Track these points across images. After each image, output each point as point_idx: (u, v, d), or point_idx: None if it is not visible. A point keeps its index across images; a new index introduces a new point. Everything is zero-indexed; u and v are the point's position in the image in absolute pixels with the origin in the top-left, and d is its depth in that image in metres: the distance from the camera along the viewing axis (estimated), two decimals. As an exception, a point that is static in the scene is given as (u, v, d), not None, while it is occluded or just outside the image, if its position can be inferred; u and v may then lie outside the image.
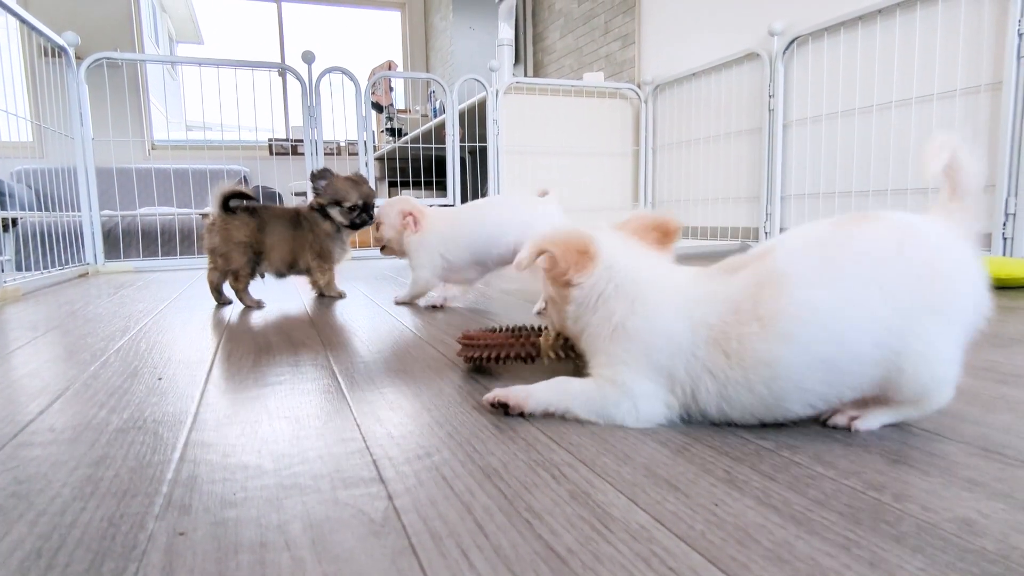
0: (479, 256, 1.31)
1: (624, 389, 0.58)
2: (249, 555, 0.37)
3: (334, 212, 1.49)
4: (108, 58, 2.37)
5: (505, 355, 0.75)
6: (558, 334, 0.71)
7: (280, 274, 1.53)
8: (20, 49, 4.06)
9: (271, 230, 1.46)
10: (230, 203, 1.42)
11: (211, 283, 1.47)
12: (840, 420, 0.57)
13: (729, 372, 0.54)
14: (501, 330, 0.86)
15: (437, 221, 1.35)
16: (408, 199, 1.37)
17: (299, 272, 1.55)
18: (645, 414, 0.58)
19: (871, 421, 0.56)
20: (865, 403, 0.56)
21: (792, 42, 2.50)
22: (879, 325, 0.50)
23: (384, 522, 0.41)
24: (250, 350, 0.96)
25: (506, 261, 1.32)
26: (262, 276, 1.52)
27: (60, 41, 2.17)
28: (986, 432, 0.55)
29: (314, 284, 1.56)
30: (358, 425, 0.60)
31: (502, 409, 0.62)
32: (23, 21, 1.91)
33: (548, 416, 0.61)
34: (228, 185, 1.42)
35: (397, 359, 0.88)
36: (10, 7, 1.81)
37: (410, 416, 0.63)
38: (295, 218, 1.51)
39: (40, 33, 2.01)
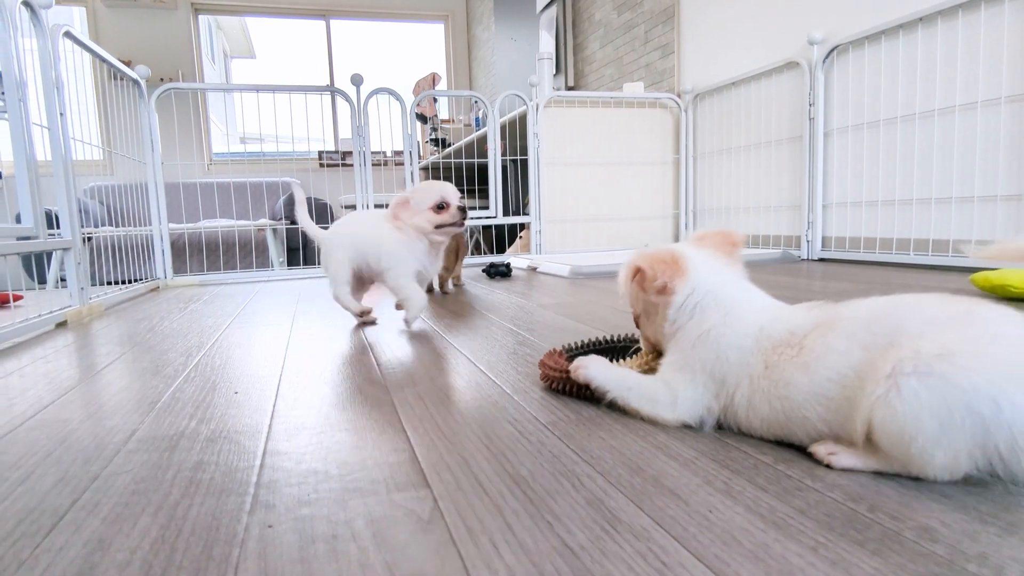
0: None
1: (672, 391, 0.69)
2: (324, 544, 0.47)
3: None
4: (176, 88, 2.56)
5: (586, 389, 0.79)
6: (650, 358, 0.79)
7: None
8: (92, 72, 4.36)
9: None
10: None
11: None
12: (819, 451, 0.59)
13: (761, 381, 0.63)
14: (589, 345, 0.96)
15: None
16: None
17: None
18: (681, 412, 0.69)
19: (848, 460, 0.57)
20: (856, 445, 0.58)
21: (832, 51, 2.50)
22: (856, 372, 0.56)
23: (430, 520, 0.50)
24: (310, 366, 1.07)
25: None
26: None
27: (134, 75, 2.36)
28: (973, 450, 0.61)
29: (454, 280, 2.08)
30: (407, 437, 0.70)
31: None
32: (104, 61, 2.10)
33: (573, 430, 0.70)
34: None
35: (441, 374, 0.97)
36: (98, 52, 2.00)
37: (452, 430, 0.72)
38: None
39: (117, 69, 2.20)
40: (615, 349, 0.99)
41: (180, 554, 0.46)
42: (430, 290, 2.11)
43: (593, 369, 0.76)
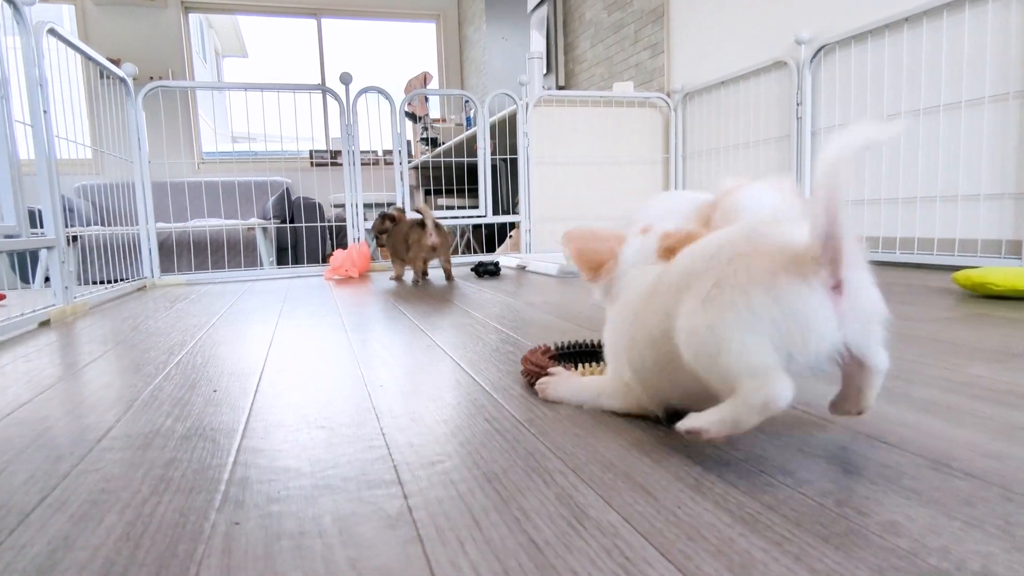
0: None
1: (618, 374, 0.70)
2: (289, 541, 0.47)
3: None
4: (163, 86, 2.54)
5: None
6: None
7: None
8: (80, 72, 4.33)
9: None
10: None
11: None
12: (681, 425, 0.57)
13: (642, 310, 0.64)
14: (576, 346, 0.97)
15: None
16: None
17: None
18: (633, 393, 0.68)
19: (694, 420, 0.55)
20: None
21: (819, 50, 2.51)
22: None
23: (398, 517, 0.50)
24: (293, 364, 1.06)
25: None
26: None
27: (120, 73, 2.35)
28: (944, 446, 0.61)
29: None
30: (383, 434, 0.70)
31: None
32: (90, 59, 2.08)
33: (549, 427, 0.70)
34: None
35: (422, 372, 0.97)
36: (84, 50, 1.99)
37: (428, 427, 0.72)
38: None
39: (103, 67, 2.19)
40: (600, 355, 0.99)
41: (144, 551, 0.46)
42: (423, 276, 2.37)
43: (561, 389, 0.77)
